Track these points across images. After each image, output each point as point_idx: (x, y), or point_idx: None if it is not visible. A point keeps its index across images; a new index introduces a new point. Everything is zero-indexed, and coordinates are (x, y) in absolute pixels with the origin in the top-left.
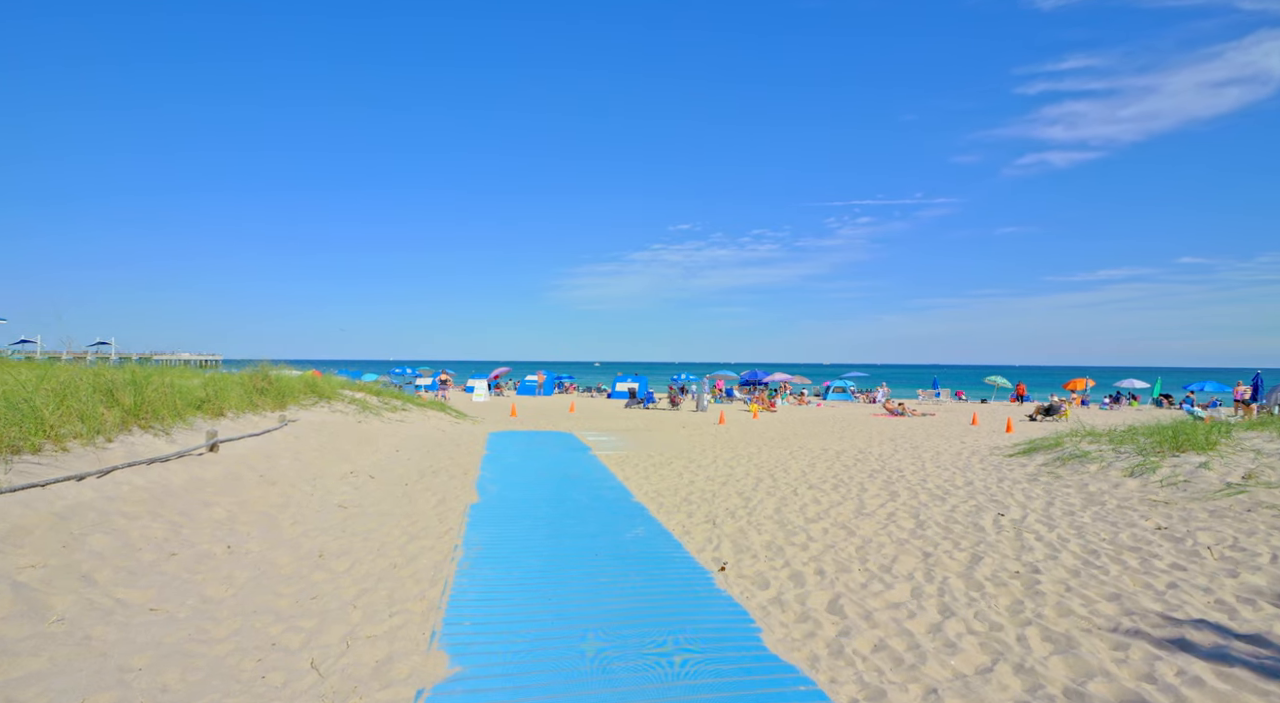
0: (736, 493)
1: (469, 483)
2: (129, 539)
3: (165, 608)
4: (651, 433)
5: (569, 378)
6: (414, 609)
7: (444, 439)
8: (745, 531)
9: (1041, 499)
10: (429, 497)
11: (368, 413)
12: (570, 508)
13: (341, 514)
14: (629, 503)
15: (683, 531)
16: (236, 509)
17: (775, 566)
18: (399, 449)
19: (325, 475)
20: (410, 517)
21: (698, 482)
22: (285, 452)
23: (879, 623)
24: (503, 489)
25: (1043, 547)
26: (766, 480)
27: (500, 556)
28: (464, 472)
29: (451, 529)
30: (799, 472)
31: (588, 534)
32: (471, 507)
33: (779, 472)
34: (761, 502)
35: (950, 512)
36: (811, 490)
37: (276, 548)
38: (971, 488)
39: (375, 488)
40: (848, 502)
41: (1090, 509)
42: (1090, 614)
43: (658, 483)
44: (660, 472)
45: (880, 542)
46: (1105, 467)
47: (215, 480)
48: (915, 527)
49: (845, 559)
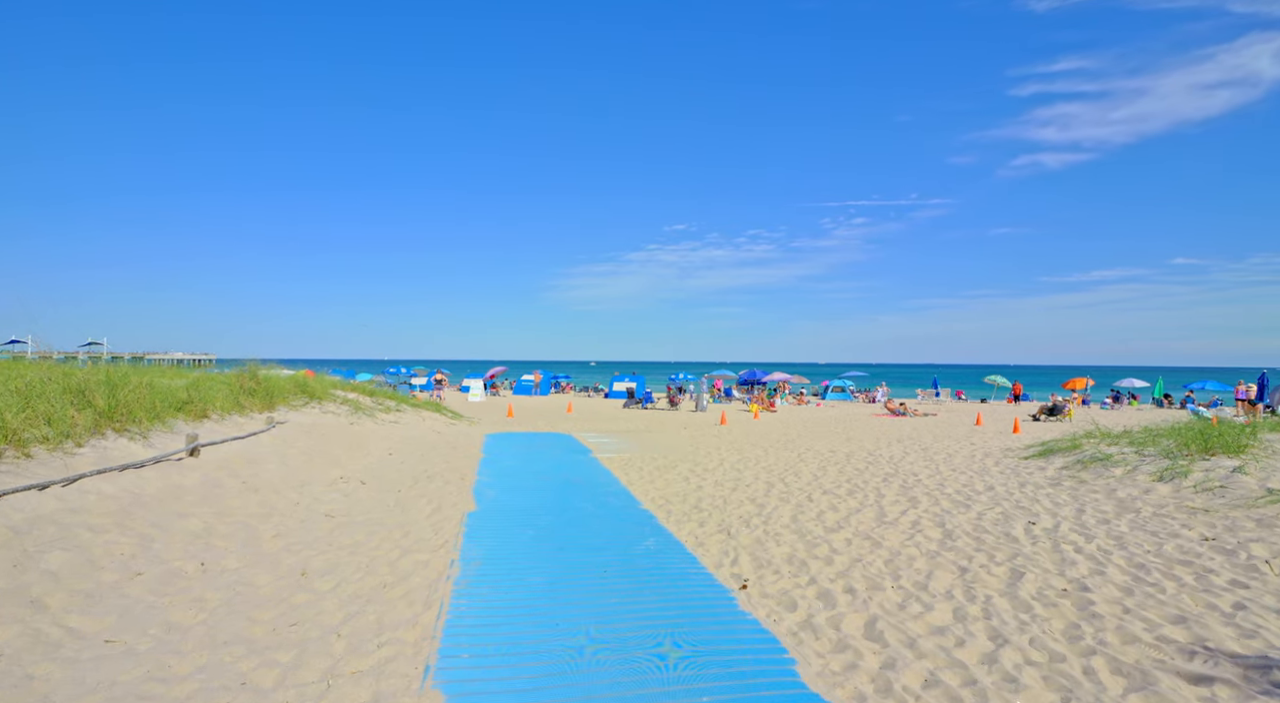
0: (749, 500)
1: (466, 489)
2: (91, 556)
3: (124, 639)
4: (653, 435)
5: (566, 378)
6: (405, 638)
7: (439, 442)
8: (763, 542)
9: (1070, 506)
10: (423, 505)
11: (360, 415)
12: (574, 517)
13: (328, 525)
14: (636, 511)
15: (696, 542)
16: (214, 520)
17: (800, 582)
18: (392, 453)
19: (313, 482)
20: (403, 528)
21: (706, 487)
22: (271, 456)
23: (925, 652)
24: (502, 496)
25: (1085, 560)
26: (778, 486)
27: (501, 572)
28: (460, 477)
29: (447, 542)
30: (810, 476)
31: (594, 547)
32: (469, 516)
33: (790, 476)
34: (776, 509)
35: (977, 520)
36: (827, 497)
37: (255, 565)
38: (994, 494)
39: (366, 495)
40: (867, 509)
41: (1125, 517)
42: (1158, 641)
43: (664, 489)
44: (666, 476)
45: (910, 555)
46: (1131, 471)
47: (193, 488)
48: (944, 537)
49: (875, 575)
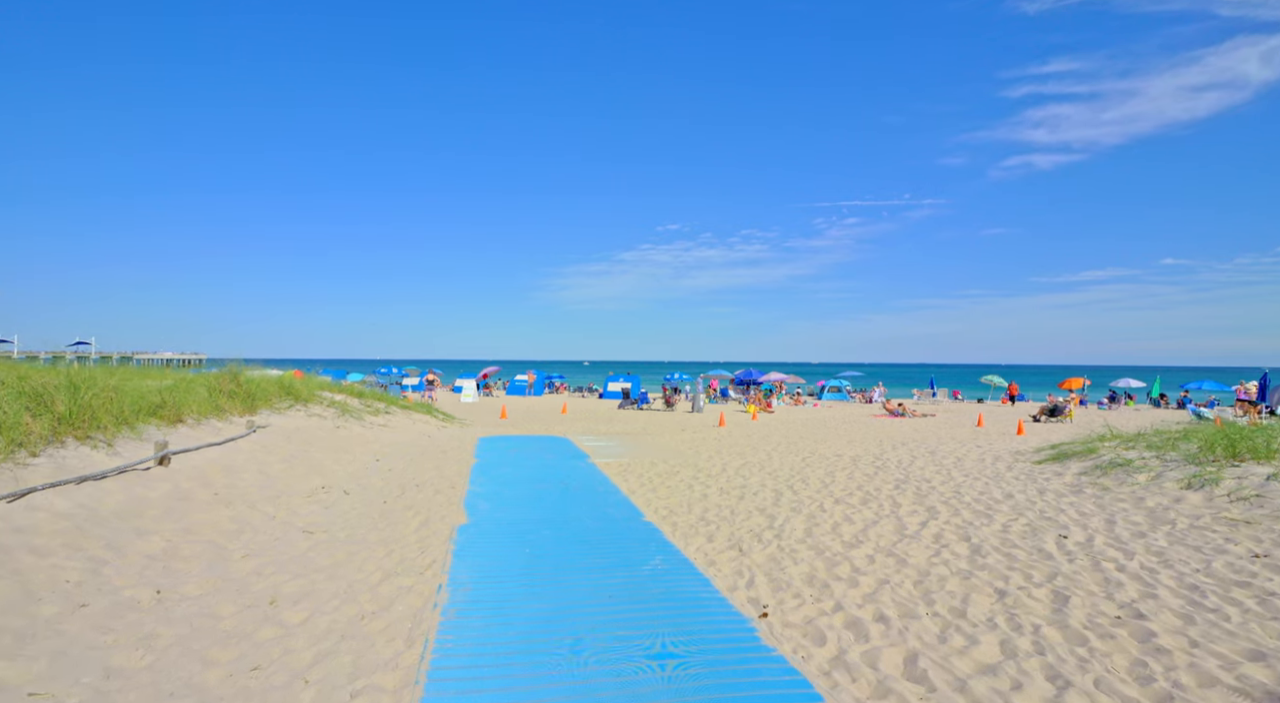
0: (757, 510)
1: (456, 500)
2: (29, 586)
3: (51, 691)
4: (651, 437)
5: (560, 378)
6: (385, 684)
7: (430, 446)
8: (778, 560)
9: (1099, 517)
10: (410, 518)
11: (347, 417)
12: (574, 532)
13: (305, 543)
14: (639, 524)
15: (706, 560)
16: (178, 539)
17: (825, 609)
18: (379, 459)
19: (292, 492)
20: (387, 545)
21: (711, 496)
22: (249, 464)
23: (979, 698)
24: (495, 508)
25: (1131, 581)
26: (787, 494)
27: (494, 599)
28: (451, 485)
29: (435, 562)
30: (819, 483)
31: (597, 567)
32: (459, 530)
33: (798, 483)
34: (788, 521)
35: (1003, 533)
36: (839, 506)
37: (219, 592)
38: (1014, 503)
39: (349, 507)
40: (884, 521)
41: (1161, 530)
42: (1243, 685)
43: (667, 497)
44: (668, 483)
45: (940, 575)
46: (1155, 477)
47: (158, 502)
48: (972, 554)
49: (907, 600)
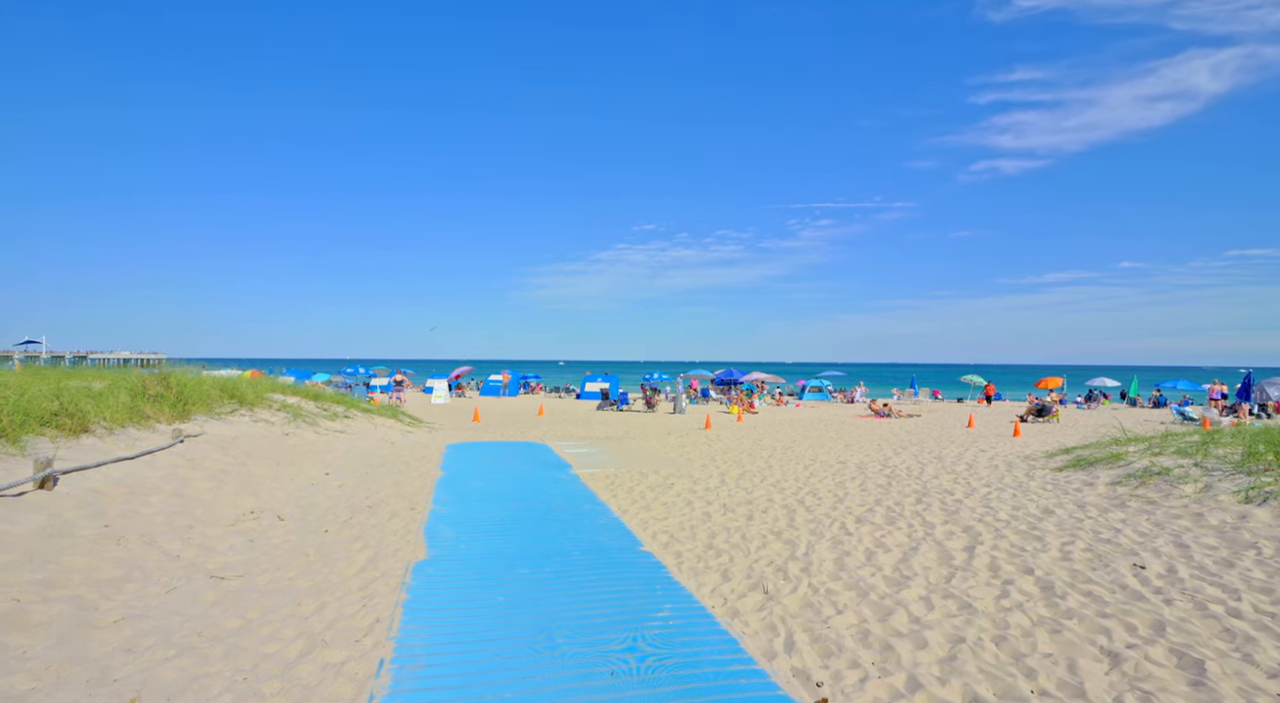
0: (772, 534)
1: (415, 526)
2: None
3: None
4: (635, 442)
5: (535, 378)
6: None
7: (391, 456)
8: (816, 606)
9: (1164, 538)
10: (356, 553)
11: (300, 422)
12: (559, 568)
13: (211, 595)
14: (637, 556)
15: (727, 608)
16: (30, 596)
17: (898, 687)
18: (330, 472)
19: (212, 520)
20: (320, 594)
21: (715, 515)
22: (165, 483)
23: None
24: (462, 536)
25: (1262, 634)
26: (800, 512)
27: (456, 682)
28: (410, 506)
29: (380, 621)
30: (831, 497)
31: (591, 624)
32: (416, 569)
33: (808, 497)
34: (812, 548)
35: (1066, 562)
36: (864, 527)
37: (60, 686)
38: (1059, 521)
39: (280, 539)
40: (923, 547)
41: (1247, 556)
42: None
43: (664, 518)
44: (662, 499)
45: (1021, 626)
46: (1204, 489)
47: (21, 540)
48: (1044, 592)
49: (998, 670)
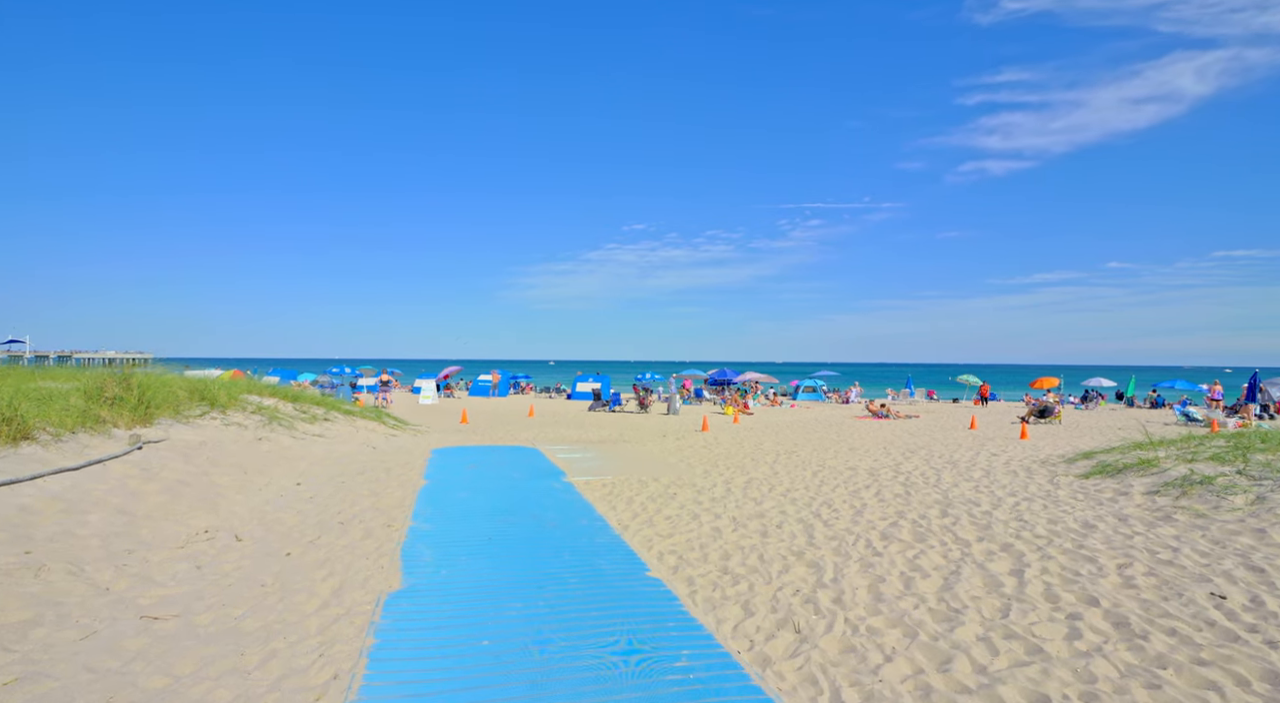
0: (793, 554)
1: (391, 546)
2: None
3: None
4: (631, 445)
5: (526, 378)
6: None
7: (371, 462)
8: (859, 650)
9: (1232, 560)
10: (318, 583)
11: (275, 426)
12: (555, 600)
13: (135, 643)
14: (643, 583)
15: (755, 654)
16: None
17: None
18: (302, 482)
19: (159, 542)
20: (268, 639)
21: (725, 531)
22: (110, 498)
23: None
24: (443, 558)
25: None
26: (819, 527)
27: None
28: (387, 522)
29: (339, 678)
30: (849, 509)
31: (597, 680)
32: (388, 604)
33: (824, 509)
34: (841, 573)
35: (1132, 590)
36: (893, 546)
37: None
38: (1105, 538)
39: (233, 565)
40: (968, 572)
41: None
42: None
43: (670, 534)
44: (665, 511)
45: (1110, 679)
46: (1257, 501)
47: None
48: (1124, 634)
49: None
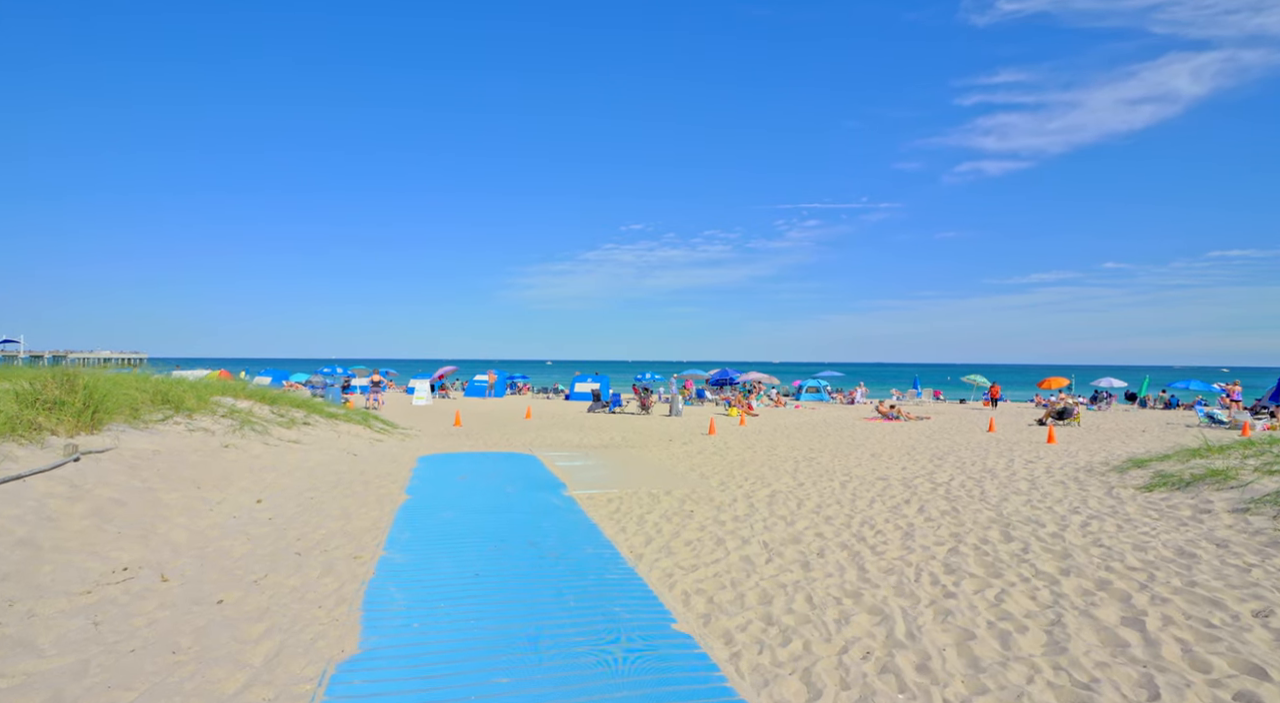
0: (848, 596)
1: (354, 588)
2: None
3: None
4: (636, 451)
5: (523, 379)
6: None
7: (349, 472)
8: None
9: None
10: (249, 647)
11: (247, 431)
12: (560, 673)
13: None
14: (670, 643)
15: None
16: None
17: None
18: (264, 498)
19: (56, 586)
20: None
21: (758, 560)
22: (17, 526)
23: None
24: (417, 605)
25: None
26: (867, 556)
27: None
28: (355, 552)
29: None
30: (896, 531)
31: None
32: (335, 680)
33: (866, 531)
34: (917, 626)
35: None
36: (968, 583)
37: None
38: (1218, 573)
39: (145, 618)
40: (1074, 624)
41: None
42: None
43: (693, 565)
44: (683, 533)
45: None
46: None
47: None
48: None
49: None
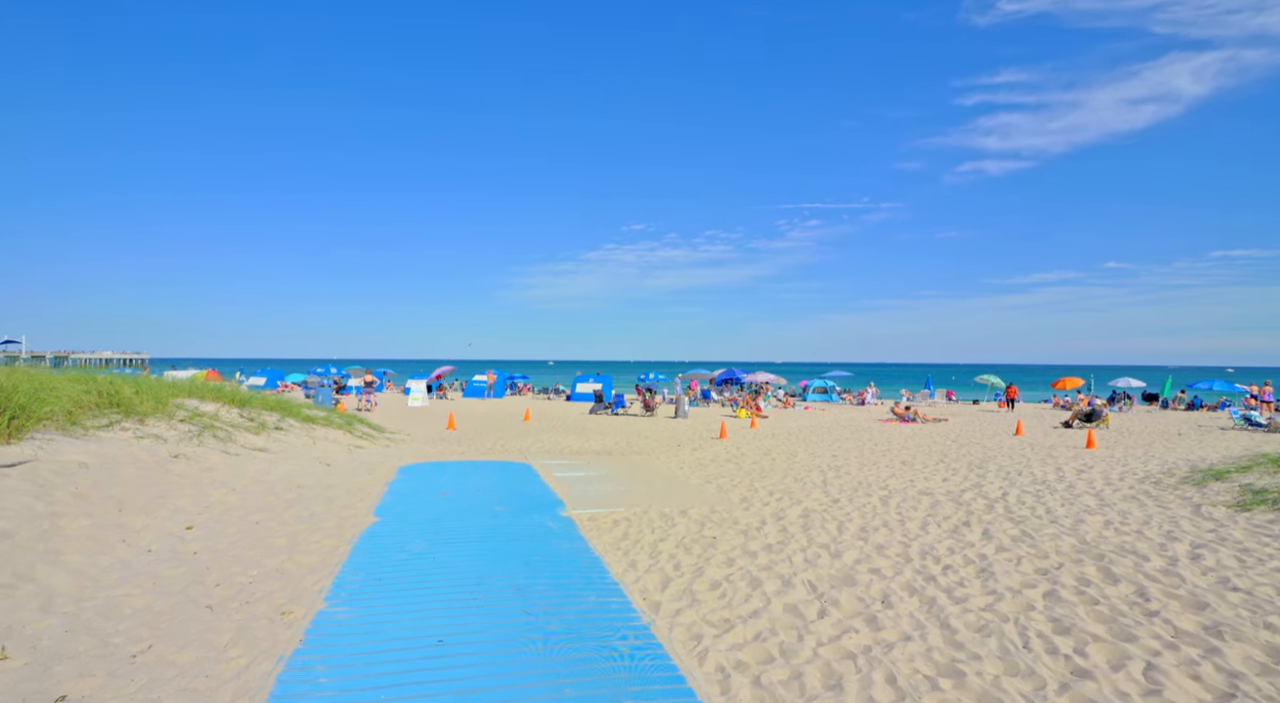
0: (943, 673)
1: (264, 670)
2: None
3: None
4: (642, 458)
5: (523, 379)
6: None
7: (313, 488)
8: None
9: None
10: None
11: (207, 438)
12: None
13: None
14: None
15: None
16: None
17: None
18: (199, 523)
19: None
20: None
21: (808, 612)
22: None
23: None
24: (352, 699)
25: None
26: (949, 607)
27: None
28: (285, 603)
29: None
30: (970, 567)
31: None
32: None
33: (931, 564)
34: None
35: None
36: (1097, 651)
37: None
38: None
39: None
40: None
41: None
42: None
43: (723, 619)
44: (708, 571)
45: None
46: None
47: None
48: None
49: None
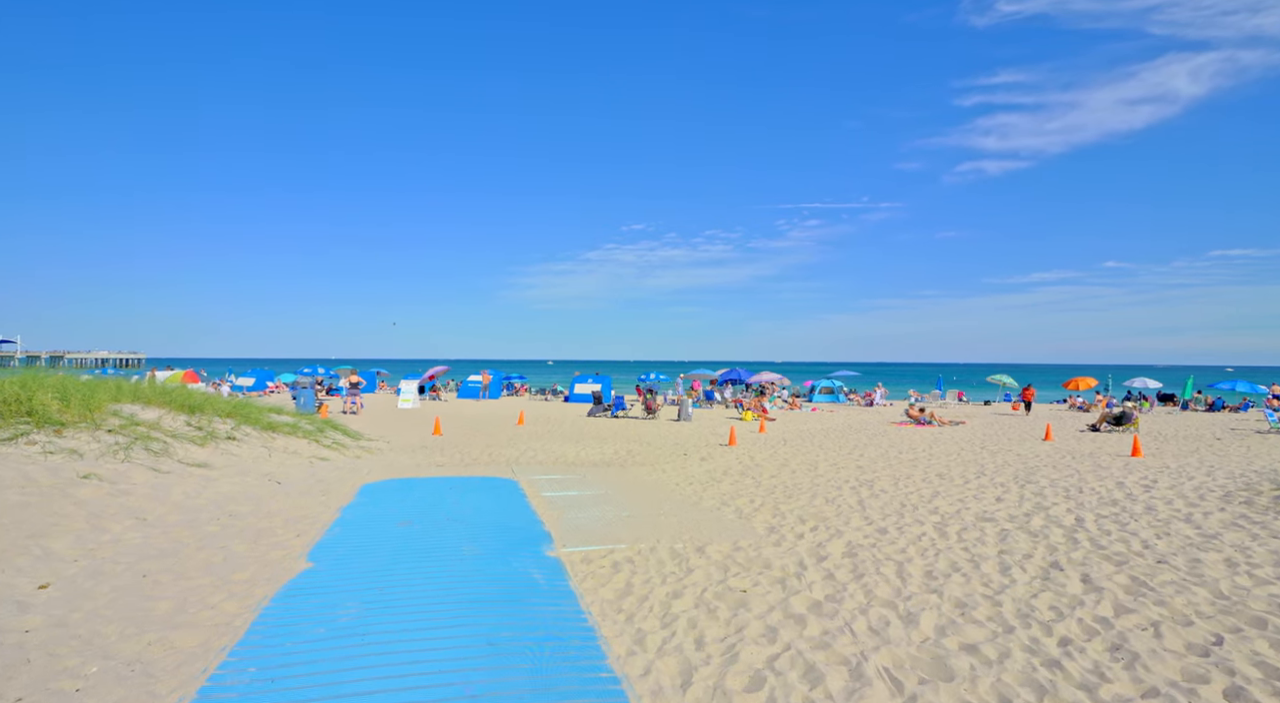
0: None
1: None
2: None
3: None
4: (646, 470)
5: (520, 379)
6: None
7: (247, 517)
8: None
9: None
10: None
11: (137, 450)
12: None
13: None
14: None
15: None
16: None
17: None
18: (59, 579)
19: None
20: None
21: None
22: None
23: None
24: None
25: None
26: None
27: None
28: None
29: None
30: (1084, 631)
31: None
32: None
33: (1042, 637)
34: None
35: None
36: None
37: None
38: None
39: None
40: None
41: None
42: None
43: None
44: (741, 649)
45: None
46: None
47: None
48: None
49: None
